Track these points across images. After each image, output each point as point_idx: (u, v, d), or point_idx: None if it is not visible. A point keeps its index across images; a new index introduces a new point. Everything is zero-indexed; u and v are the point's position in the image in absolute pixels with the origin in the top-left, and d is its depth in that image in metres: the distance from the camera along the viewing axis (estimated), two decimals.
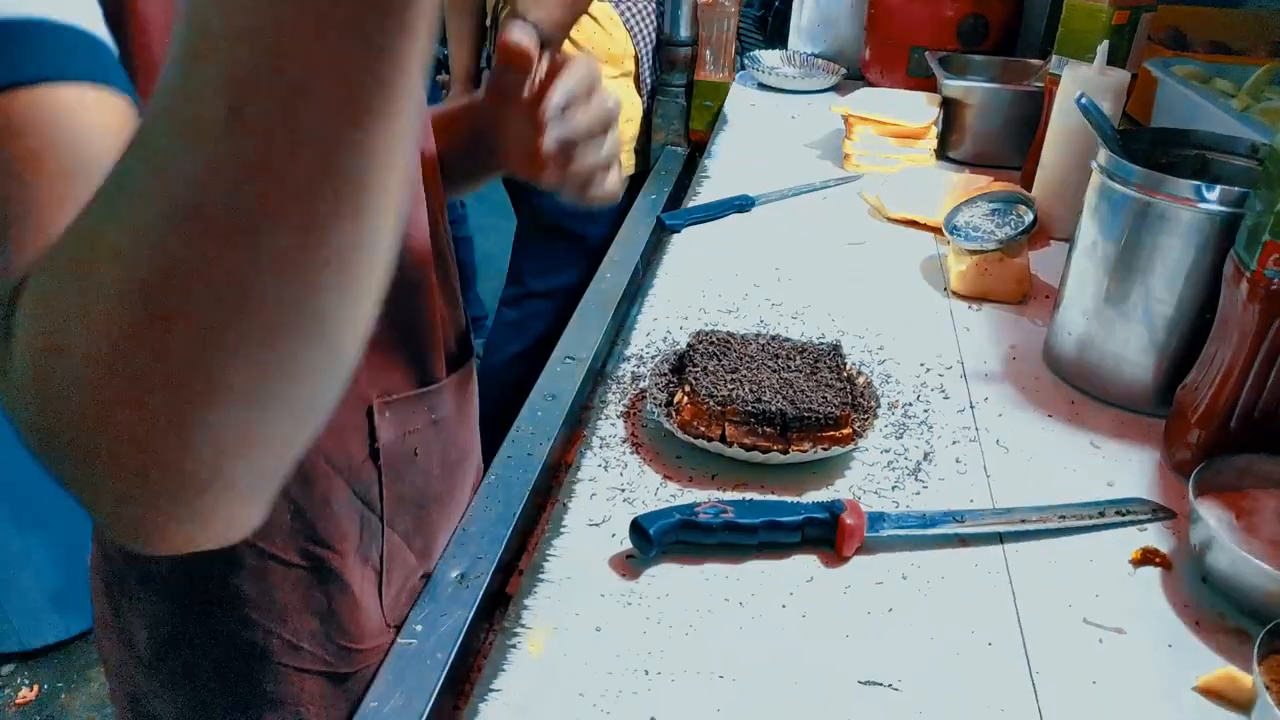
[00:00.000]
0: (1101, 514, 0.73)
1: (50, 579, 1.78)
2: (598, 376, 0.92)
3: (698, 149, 1.62)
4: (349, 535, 0.63)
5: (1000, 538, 0.72)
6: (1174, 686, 0.60)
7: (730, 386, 0.79)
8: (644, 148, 1.72)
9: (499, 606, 0.66)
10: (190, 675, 0.64)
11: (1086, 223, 0.89)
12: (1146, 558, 0.69)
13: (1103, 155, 0.87)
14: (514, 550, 0.70)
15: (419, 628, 0.63)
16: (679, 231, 1.23)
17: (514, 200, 1.76)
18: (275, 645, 0.63)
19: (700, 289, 1.08)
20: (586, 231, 1.64)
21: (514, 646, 0.61)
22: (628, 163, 1.68)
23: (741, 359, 0.83)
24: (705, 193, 1.36)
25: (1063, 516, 0.73)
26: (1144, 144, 0.92)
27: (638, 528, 0.67)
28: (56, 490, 0.30)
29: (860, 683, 0.59)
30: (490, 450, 0.79)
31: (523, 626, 0.63)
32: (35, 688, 1.80)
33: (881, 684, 0.59)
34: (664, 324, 1.00)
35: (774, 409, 0.76)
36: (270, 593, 0.61)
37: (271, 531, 0.60)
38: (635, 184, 1.50)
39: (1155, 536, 0.72)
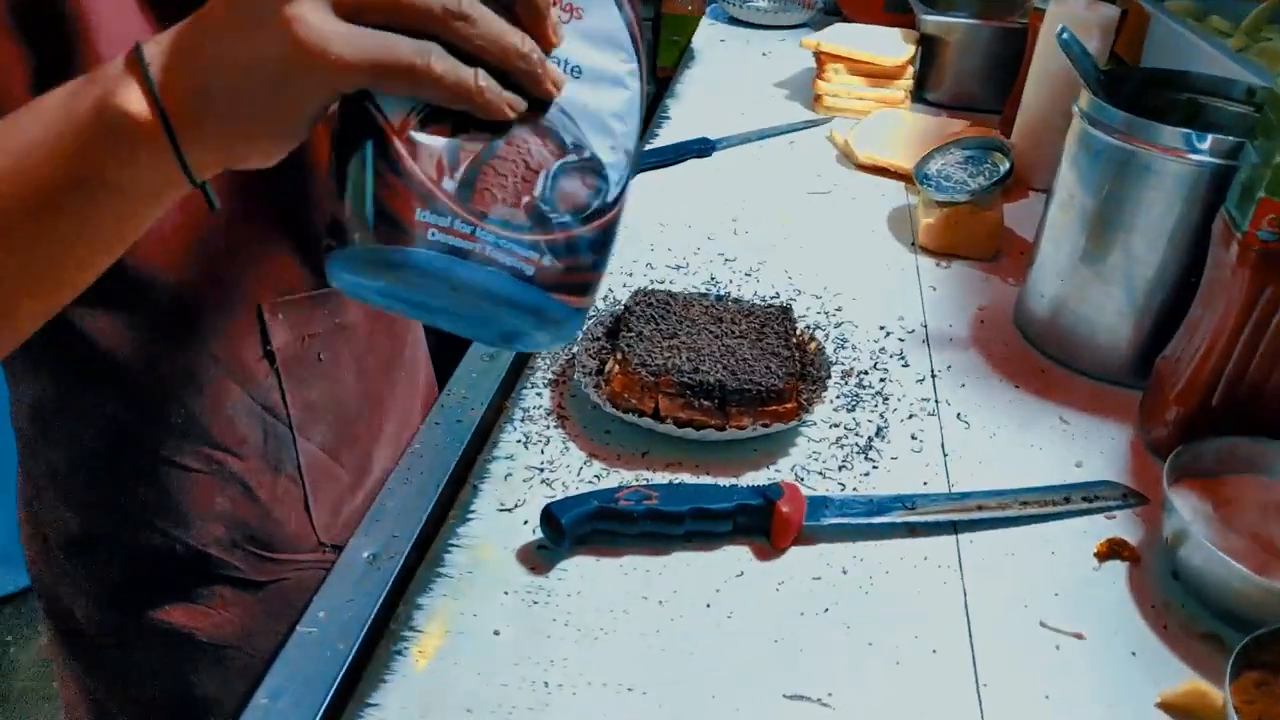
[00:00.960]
0: (1067, 499, 0.67)
1: None
2: None
3: (665, 87, 1.52)
4: (248, 440, 0.61)
5: (954, 526, 0.65)
6: (1136, 702, 0.54)
7: (666, 354, 0.71)
8: None
9: None
10: (99, 575, 0.64)
11: (1065, 173, 0.81)
12: (1113, 550, 0.63)
13: (1084, 98, 0.79)
14: (435, 525, 0.64)
15: (322, 614, 0.57)
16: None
17: None
18: (179, 550, 0.62)
19: (649, 242, 1.00)
20: None
21: (400, 654, 0.54)
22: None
23: (682, 323, 0.75)
24: (664, 135, 1.26)
25: (1024, 503, 0.66)
26: (1131, 86, 0.83)
27: (549, 517, 0.60)
28: None
29: (786, 696, 0.53)
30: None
31: (412, 629, 0.56)
32: None
33: (810, 698, 0.53)
34: (606, 279, 0.91)
35: (712, 380, 0.69)
36: (172, 497, 0.61)
37: (165, 434, 0.59)
38: None
39: (1124, 525, 0.66)
